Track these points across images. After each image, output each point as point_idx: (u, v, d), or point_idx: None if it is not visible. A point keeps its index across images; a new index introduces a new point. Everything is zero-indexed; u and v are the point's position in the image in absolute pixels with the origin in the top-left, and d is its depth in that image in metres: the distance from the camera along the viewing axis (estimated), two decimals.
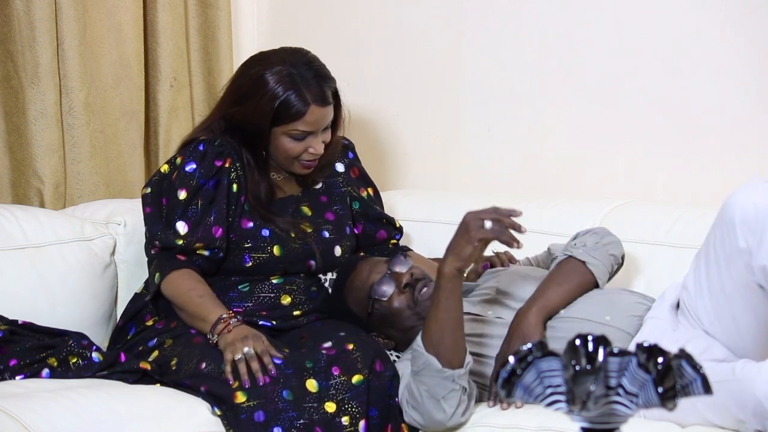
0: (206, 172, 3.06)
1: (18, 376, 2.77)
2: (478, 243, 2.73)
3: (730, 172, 3.42)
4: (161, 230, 3.04)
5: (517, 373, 1.57)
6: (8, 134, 3.49)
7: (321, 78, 3.09)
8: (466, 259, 2.75)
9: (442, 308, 2.77)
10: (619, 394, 1.56)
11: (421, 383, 2.78)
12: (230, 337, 2.85)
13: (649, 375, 1.53)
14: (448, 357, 2.76)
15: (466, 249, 2.74)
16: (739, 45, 3.39)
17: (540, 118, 3.71)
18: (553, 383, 1.57)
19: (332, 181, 3.27)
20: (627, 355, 1.54)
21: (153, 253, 3.05)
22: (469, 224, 2.74)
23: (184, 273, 3.01)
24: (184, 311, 2.99)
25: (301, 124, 3.06)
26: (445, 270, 2.77)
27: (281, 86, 3.04)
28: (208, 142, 3.09)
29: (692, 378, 1.54)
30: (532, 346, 1.57)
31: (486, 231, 2.72)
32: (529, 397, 1.58)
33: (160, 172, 3.13)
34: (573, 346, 1.54)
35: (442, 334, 2.76)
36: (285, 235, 3.09)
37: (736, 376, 2.55)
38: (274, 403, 2.74)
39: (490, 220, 2.72)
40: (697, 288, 2.75)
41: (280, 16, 4.15)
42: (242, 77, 3.14)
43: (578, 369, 1.53)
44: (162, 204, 3.08)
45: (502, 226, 2.72)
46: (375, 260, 3.10)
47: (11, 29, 3.43)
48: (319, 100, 3.06)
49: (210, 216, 3.04)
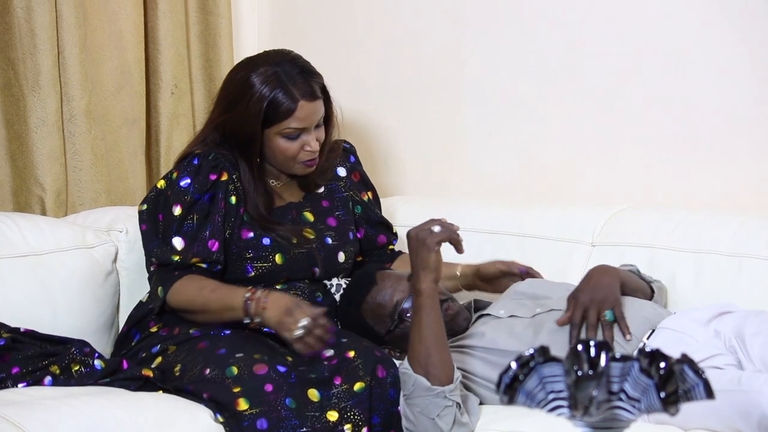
0: (200, 187, 3.05)
1: (20, 383, 2.77)
2: (436, 247, 2.82)
3: (730, 177, 3.42)
4: (157, 247, 3.04)
5: (520, 378, 1.57)
6: (9, 142, 3.49)
7: (307, 73, 3.08)
8: (436, 267, 2.82)
9: (424, 326, 2.79)
10: (622, 399, 1.56)
11: (413, 405, 2.78)
12: (272, 314, 2.89)
13: (652, 380, 1.53)
14: (437, 374, 2.77)
15: (430, 258, 2.82)
16: (740, 50, 3.39)
17: (540, 123, 3.71)
18: (556, 388, 1.57)
19: (334, 185, 3.27)
20: (629, 360, 1.54)
21: (152, 270, 3.06)
22: (419, 237, 2.83)
23: (186, 280, 3.01)
24: (207, 311, 2.99)
25: (292, 121, 3.05)
26: (423, 287, 2.81)
27: (268, 86, 3.03)
28: (203, 156, 3.09)
29: (694, 383, 1.54)
30: (534, 351, 1.57)
31: (439, 234, 2.82)
32: (531, 402, 1.59)
33: (157, 187, 3.12)
34: (575, 351, 1.54)
35: (429, 352, 2.77)
36: (286, 243, 3.09)
37: (742, 387, 2.55)
38: (277, 411, 2.74)
39: (437, 225, 2.83)
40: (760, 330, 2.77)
41: (280, 23, 4.16)
42: (229, 84, 3.13)
43: (580, 374, 1.53)
44: (158, 220, 3.07)
45: (449, 227, 2.84)
46: (396, 276, 3.09)
47: (12, 37, 3.43)
48: (307, 95, 3.05)
49: (205, 230, 3.03)
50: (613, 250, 3.27)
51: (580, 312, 2.87)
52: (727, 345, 2.78)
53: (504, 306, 3.07)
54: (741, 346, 2.76)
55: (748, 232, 3.15)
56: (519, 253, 3.41)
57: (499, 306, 3.09)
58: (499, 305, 3.09)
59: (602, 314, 2.84)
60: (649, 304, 3.00)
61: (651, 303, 3.02)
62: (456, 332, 3.03)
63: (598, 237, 3.33)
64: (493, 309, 3.08)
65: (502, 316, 3.02)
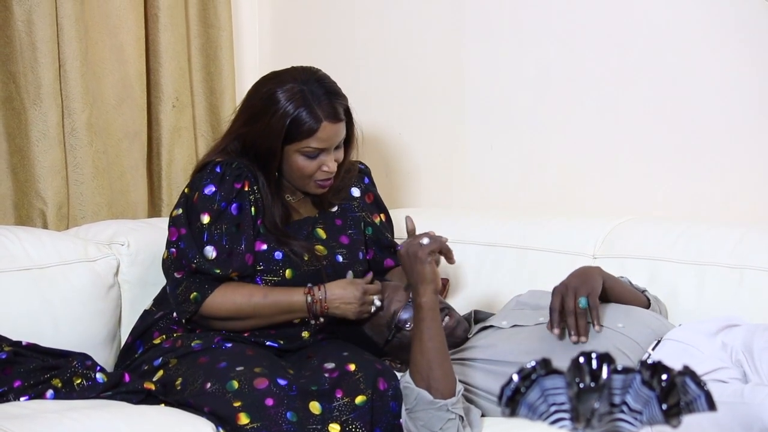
0: (227, 195, 3.05)
1: (22, 397, 2.77)
2: (430, 258, 2.82)
3: (730, 188, 3.42)
4: (198, 254, 3.02)
5: (522, 391, 1.57)
6: (11, 155, 3.49)
7: (332, 94, 3.08)
8: (433, 279, 2.82)
9: (426, 338, 2.79)
10: (623, 411, 1.56)
11: (416, 419, 2.78)
12: (340, 310, 3.04)
13: (653, 392, 1.53)
14: (440, 387, 2.77)
15: (425, 271, 2.82)
16: (741, 62, 3.39)
17: (542, 135, 3.71)
18: (558, 401, 1.57)
19: (348, 205, 3.27)
20: (631, 373, 1.54)
21: (178, 277, 3.03)
22: (409, 252, 2.84)
23: (229, 287, 3.02)
24: (257, 316, 3.02)
25: (313, 141, 3.05)
26: (423, 300, 2.81)
27: (292, 103, 3.03)
28: (225, 164, 3.08)
29: (696, 395, 1.54)
30: (536, 363, 1.57)
31: (429, 245, 2.83)
32: (533, 414, 1.58)
33: (185, 193, 3.12)
34: (577, 363, 1.54)
35: (431, 365, 2.77)
36: (298, 259, 3.09)
37: (744, 399, 2.55)
38: (278, 425, 2.74)
39: (425, 237, 2.84)
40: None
41: (281, 36, 4.16)
42: (254, 96, 3.13)
43: (582, 386, 1.53)
44: (189, 226, 3.08)
45: (437, 238, 2.85)
46: (393, 286, 3.11)
47: (13, 50, 3.44)
48: (330, 116, 3.05)
49: (241, 244, 3.03)
50: (614, 262, 3.26)
51: (558, 299, 2.89)
52: (733, 358, 2.78)
53: (506, 317, 3.07)
54: (749, 359, 2.76)
55: (750, 244, 3.15)
56: (520, 266, 3.41)
57: (501, 317, 3.09)
58: (501, 316, 3.10)
59: (577, 300, 2.86)
60: (652, 315, 3.01)
61: (654, 314, 3.03)
62: (455, 343, 3.03)
63: (599, 249, 3.33)
64: (495, 320, 3.08)
65: (505, 326, 3.02)
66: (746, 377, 2.75)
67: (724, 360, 2.77)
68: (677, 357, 2.74)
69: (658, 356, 2.82)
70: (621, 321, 2.93)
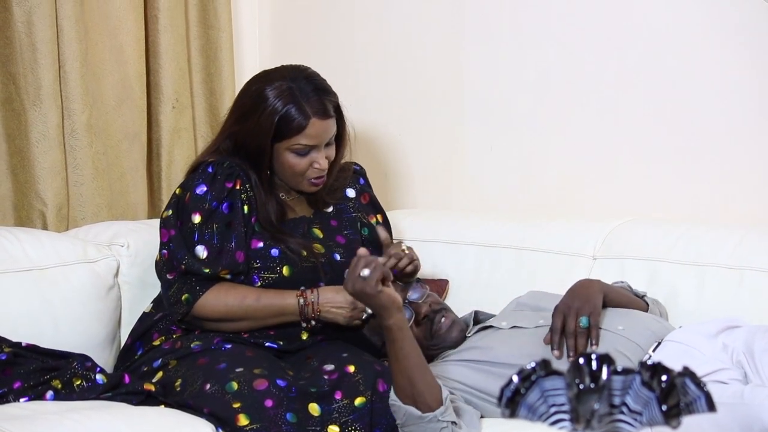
0: (218, 194, 3.06)
1: (22, 398, 2.77)
2: (378, 287, 2.70)
3: (730, 190, 3.43)
4: (187, 255, 3.03)
5: (521, 392, 1.57)
6: (11, 157, 3.49)
7: (321, 91, 3.09)
8: (392, 301, 2.73)
9: (401, 357, 2.76)
10: (623, 412, 1.56)
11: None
12: (331, 314, 3.03)
13: (653, 393, 1.53)
14: (425, 400, 2.76)
15: (382, 300, 2.71)
16: (741, 64, 3.39)
17: (541, 137, 3.72)
18: (557, 402, 1.57)
19: (343, 206, 3.27)
20: (631, 374, 1.54)
21: (170, 278, 3.04)
22: (356, 290, 2.72)
23: (220, 289, 3.02)
24: (249, 318, 3.02)
25: (303, 137, 3.06)
26: (390, 322, 2.74)
27: (281, 100, 3.04)
28: (217, 164, 3.09)
29: (696, 396, 1.54)
30: (535, 364, 1.57)
31: (371, 275, 2.70)
32: (533, 416, 1.58)
33: (176, 194, 3.13)
34: (577, 364, 1.54)
35: (413, 382, 2.76)
36: (295, 256, 3.09)
37: (744, 399, 2.55)
38: (278, 426, 2.74)
39: (364, 269, 2.70)
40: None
41: (281, 37, 4.16)
42: (244, 95, 3.15)
43: (582, 388, 1.53)
44: (179, 227, 3.08)
45: (374, 262, 2.72)
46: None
47: (13, 51, 3.44)
48: (319, 113, 3.06)
49: (231, 241, 3.04)
50: (614, 264, 3.27)
51: (559, 319, 2.90)
52: (734, 359, 2.79)
53: (506, 318, 3.07)
54: (749, 360, 2.77)
55: (750, 245, 3.15)
56: (519, 267, 3.41)
57: (501, 318, 3.09)
58: (501, 317, 3.10)
59: (578, 321, 2.87)
60: (652, 317, 3.01)
61: (654, 316, 3.03)
62: (454, 344, 3.03)
63: (599, 250, 3.33)
64: (495, 321, 3.08)
65: (504, 327, 3.02)
66: (747, 378, 2.75)
67: (725, 361, 2.77)
68: (678, 358, 2.74)
69: (659, 357, 2.82)
70: (621, 323, 2.93)
